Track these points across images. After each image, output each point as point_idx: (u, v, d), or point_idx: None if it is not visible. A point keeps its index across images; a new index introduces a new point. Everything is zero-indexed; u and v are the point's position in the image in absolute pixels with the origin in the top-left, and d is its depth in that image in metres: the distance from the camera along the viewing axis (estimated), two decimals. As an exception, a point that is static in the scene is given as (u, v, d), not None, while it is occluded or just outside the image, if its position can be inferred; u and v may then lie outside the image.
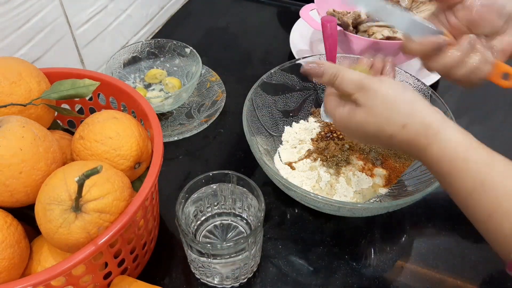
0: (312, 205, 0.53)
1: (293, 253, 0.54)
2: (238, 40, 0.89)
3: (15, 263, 0.40)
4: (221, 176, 0.50)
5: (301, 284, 0.51)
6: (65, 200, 0.38)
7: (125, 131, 0.47)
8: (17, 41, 0.59)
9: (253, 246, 0.46)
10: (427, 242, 0.55)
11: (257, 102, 0.62)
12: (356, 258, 0.54)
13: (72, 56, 0.69)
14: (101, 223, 0.39)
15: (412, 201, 0.49)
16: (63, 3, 0.64)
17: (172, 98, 0.67)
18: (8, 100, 0.46)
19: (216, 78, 0.77)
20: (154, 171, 0.44)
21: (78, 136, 0.47)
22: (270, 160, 0.61)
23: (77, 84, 0.49)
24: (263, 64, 0.83)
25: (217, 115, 0.71)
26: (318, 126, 0.67)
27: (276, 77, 0.65)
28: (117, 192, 0.40)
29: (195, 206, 0.51)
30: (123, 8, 0.78)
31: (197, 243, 0.44)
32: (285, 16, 0.95)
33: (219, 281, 0.50)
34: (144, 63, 0.76)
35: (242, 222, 0.53)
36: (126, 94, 0.52)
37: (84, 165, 0.42)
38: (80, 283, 0.41)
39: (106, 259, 0.42)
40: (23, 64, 0.48)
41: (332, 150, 0.62)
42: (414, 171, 0.59)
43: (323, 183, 0.59)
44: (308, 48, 0.83)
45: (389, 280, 0.52)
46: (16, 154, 0.39)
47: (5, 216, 0.41)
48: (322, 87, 0.69)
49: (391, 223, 0.57)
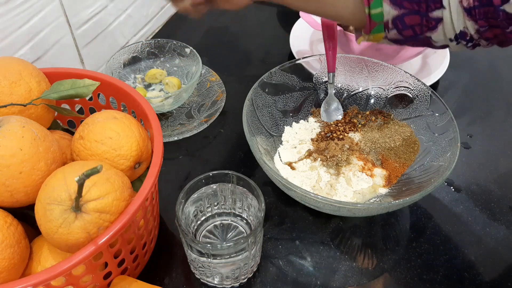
0: (312, 205, 0.53)
1: (293, 253, 0.54)
2: (238, 40, 0.89)
3: (15, 263, 0.40)
4: (221, 176, 0.50)
5: (301, 284, 0.51)
6: (65, 200, 0.38)
7: (125, 131, 0.47)
8: (17, 41, 0.59)
9: (253, 246, 0.46)
10: (427, 242, 0.55)
11: (257, 102, 0.62)
12: (356, 258, 0.54)
13: (72, 56, 0.69)
14: (101, 223, 0.39)
15: (412, 201, 0.49)
16: (63, 3, 0.64)
17: (172, 98, 0.67)
18: (8, 100, 0.46)
19: (216, 78, 0.77)
20: (154, 171, 0.44)
21: (78, 136, 0.47)
22: (270, 160, 0.61)
23: (77, 84, 0.49)
24: (263, 64, 0.83)
25: (217, 115, 0.71)
26: (318, 126, 0.67)
27: (276, 77, 0.65)
28: (117, 192, 0.40)
29: (195, 206, 0.51)
30: (123, 8, 0.78)
31: (197, 243, 0.44)
32: (285, 16, 0.95)
33: (219, 281, 0.50)
34: (144, 63, 0.76)
35: (242, 222, 0.53)
36: (126, 94, 0.52)
37: (84, 165, 0.42)
38: (80, 283, 0.41)
39: (106, 259, 0.42)
40: (23, 64, 0.48)
41: (332, 150, 0.62)
42: (414, 171, 0.59)
43: (323, 183, 0.59)
44: (308, 48, 0.83)
45: (389, 280, 0.52)
46: (16, 154, 0.39)
47: (5, 216, 0.41)
48: (322, 87, 0.69)
49: (391, 223, 0.57)
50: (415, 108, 0.64)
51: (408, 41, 0.48)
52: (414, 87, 0.64)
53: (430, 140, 0.60)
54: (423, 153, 0.60)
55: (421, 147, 0.61)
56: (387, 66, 0.66)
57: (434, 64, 0.78)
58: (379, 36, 0.48)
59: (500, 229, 0.57)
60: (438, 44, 0.47)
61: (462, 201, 0.60)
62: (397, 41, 0.48)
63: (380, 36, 0.48)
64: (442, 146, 0.57)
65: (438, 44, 0.47)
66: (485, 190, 0.61)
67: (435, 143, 0.59)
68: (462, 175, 0.63)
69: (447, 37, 0.45)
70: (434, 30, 0.45)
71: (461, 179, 0.63)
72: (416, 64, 0.80)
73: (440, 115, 0.60)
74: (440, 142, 0.58)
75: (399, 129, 0.65)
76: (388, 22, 0.46)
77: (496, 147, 0.68)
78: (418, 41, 0.47)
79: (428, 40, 0.46)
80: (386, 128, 0.66)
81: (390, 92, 0.67)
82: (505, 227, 0.57)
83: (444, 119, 0.58)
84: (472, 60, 0.84)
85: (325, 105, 0.68)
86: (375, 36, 0.48)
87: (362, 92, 0.69)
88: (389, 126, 0.66)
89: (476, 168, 0.65)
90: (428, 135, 0.61)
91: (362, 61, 0.67)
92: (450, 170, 0.51)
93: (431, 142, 0.60)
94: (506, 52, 0.86)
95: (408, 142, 0.63)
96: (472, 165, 0.65)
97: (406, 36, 0.47)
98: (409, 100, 0.65)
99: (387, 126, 0.66)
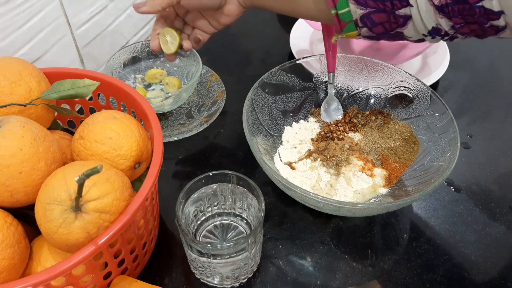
0: (312, 205, 0.53)
1: (293, 253, 0.54)
2: (238, 40, 0.89)
3: (15, 263, 0.40)
4: (221, 176, 0.50)
5: (301, 284, 0.51)
6: (65, 200, 0.38)
7: (125, 131, 0.47)
8: (17, 41, 0.59)
9: (253, 246, 0.46)
10: (427, 242, 0.55)
11: (257, 102, 0.62)
12: (356, 258, 0.54)
13: (72, 56, 0.69)
14: (101, 223, 0.39)
15: (412, 201, 0.49)
16: (63, 3, 0.64)
17: (172, 98, 0.67)
18: (8, 100, 0.46)
19: (216, 78, 0.77)
20: (154, 171, 0.44)
21: (78, 136, 0.47)
22: (270, 160, 0.61)
23: (77, 84, 0.49)
24: (263, 64, 0.83)
25: (217, 115, 0.71)
26: (318, 126, 0.67)
27: (276, 77, 0.65)
28: (117, 192, 0.40)
29: (195, 206, 0.51)
30: (123, 8, 0.78)
31: (197, 243, 0.44)
32: (285, 16, 0.95)
33: (219, 281, 0.50)
34: (144, 63, 0.76)
35: (242, 222, 0.53)
36: (126, 94, 0.52)
37: (84, 165, 0.42)
38: (80, 283, 0.41)
39: (106, 259, 0.42)
40: (23, 64, 0.48)
41: (332, 150, 0.62)
42: (414, 171, 0.59)
43: (323, 183, 0.59)
44: (308, 48, 0.83)
45: (389, 280, 0.52)
46: (16, 154, 0.39)
47: (5, 216, 0.41)
48: (322, 87, 0.69)
49: (391, 223, 0.57)
50: (415, 108, 0.64)
51: (381, 37, 0.48)
52: (414, 87, 0.64)
53: (430, 140, 0.60)
54: (423, 153, 0.60)
55: (421, 147, 0.61)
56: (387, 66, 0.66)
57: (434, 64, 0.78)
58: (353, 34, 0.48)
59: (500, 229, 0.57)
60: (412, 39, 0.47)
61: (462, 201, 0.60)
62: (371, 38, 0.49)
63: (353, 34, 0.48)
64: (442, 146, 0.57)
65: (413, 38, 0.46)
66: (485, 190, 0.61)
67: (435, 143, 0.59)
68: (462, 175, 0.63)
69: (419, 33, 0.45)
70: (404, 27, 0.44)
71: (461, 179, 0.63)
72: (416, 64, 0.80)
73: (440, 115, 0.60)
74: (440, 142, 0.58)
75: (399, 129, 0.65)
76: (357, 20, 0.46)
77: (496, 147, 0.68)
78: (391, 37, 0.47)
79: (401, 35, 0.46)
80: (386, 128, 0.66)
81: (390, 92, 0.67)
82: (505, 227, 0.57)
83: (444, 119, 0.58)
84: (472, 60, 0.84)
85: (325, 105, 0.68)
86: (348, 35, 0.49)
87: (362, 92, 0.69)
88: (389, 126, 0.66)
89: (476, 168, 0.65)
90: (428, 135, 0.61)
91: (362, 61, 0.67)
92: (450, 170, 0.51)
93: (431, 142, 0.60)
94: (506, 52, 0.86)
95: (408, 142, 0.63)
96: (472, 165, 0.65)
97: (377, 33, 0.47)
98: (409, 100, 0.65)
99: (387, 126, 0.66)
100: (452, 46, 0.81)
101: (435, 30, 0.43)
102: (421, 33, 0.44)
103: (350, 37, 0.49)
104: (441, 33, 0.43)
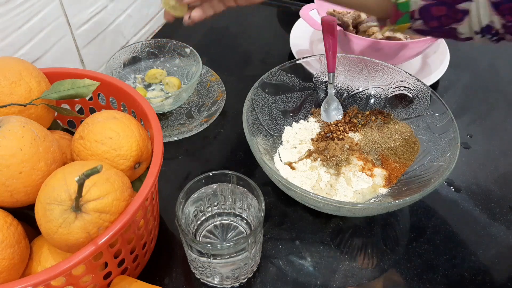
0: (312, 205, 0.53)
1: (293, 253, 0.54)
2: (238, 40, 0.89)
3: (15, 263, 0.40)
4: (221, 176, 0.50)
5: (301, 284, 0.51)
6: (65, 200, 0.38)
7: (125, 131, 0.47)
8: (17, 41, 0.59)
9: (253, 246, 0.46)
10: (427, 242, 0.55)
11: (257, 102, 0.62)
12: (356, 258, 0.54)
13: (72, 56, 0.69)
14: (101, 223, 0.39)
15: (412, 201, 0.49)
16: (63, 3, 0.64)
17: (172, 98, 0.67)
18: (8, 100, 0.46)
19: (216, 78, 0.77)
20: (154, 171, 0.44)
21: (78, 136, 0.47)
22: (270, 160, 0.61)
23: (77, 84, 0.49)
24: (263, 64, 0.83)
25: (217, 115, 0.71)
26: (318, 126, 0.67)
27: (276, 77, 0.65)
28: (117, 192, 0.40)
29: (195, 206, 0.51)
30: (123, 8, 0.78)
31: (197, 243, 0.44)
32: (285, 16, 0.95)
33: (219, 281, 0.50)
34: (144, 63, 0.76)
35: (242, 222, 0.53)
36: (126, 94, 0.52)
37: (84, 165, 0.42)
38: (80, 283, 0.41)
39: (106, 259, 0.42)
40: (23, 64, 0.48)
41: (332, 150, 0.62)
42: (414, 171, 0.59)
43: (323, 183, 0.59)
44: (308, 48, 0.84)
45: (389, 280, 0.52)
46: (16, 154, 0.39)
47: (5, 216, 0.41)
48: (322, 87, 0.69)
49: (391, 223, 0.57)
50: (415, 108, 0.64)
51: (433, 32, 0.48)
52: (414, 87, 0.64)
53: (430, 140, 0.60)
54: (423, 153, 0.60)
55: (421, 147, 0.61)
56: (387, 66, 0.66)
57: (434, 64, 0.78)
58: (404, 26, 0.49)
59: (500, 229, 0.57)
60: (463, 36, 0.47)
61: (462, 201, 0.60)
62: (422, 32, 0.49)
63: (405, 27, 0.49)
64: (442, 146, 0.57)
65: (463, 36, 0.47)
66: (485, 190, 0.61)
67: (435, 143, 0.59)
68: (462, 175, 0.63)
69: (472, 30, 0.45)
70: (460, 22, 0.45)
71: (461, 179, 0.63)
72: (416, 64, 0.80)
73: (440, 115, 0.60)
74: (440, 142, 0.58)
75: (399, 129, 0.65)
76: (414, 12, 0.46)
77: (496, 147, 0.68)
78: (443, 33, 0.48)
79: (453, 31, 0.47)
80: (386, 128, 0.66)
81: (390, 92, 0.67)
82: (505, 227, 0.57)
83: (444, 119, 0.58)
84: (472, 60, 0.84)
85: (325, 105, 0.68)
86: (400, 27, 0.49)
87: (362, 92, 0.69)
88: (389, 126, 0.66)
89: (476, 168, 0.65)
90: (428, 135, 0.61)
91: (362, 61, 0.67)
92: (450, 170, 0.51)
93: (431, 142, 0.60)
94: (506, 52, 0.86)
95: (408, 142, 0.63)
96: (472, 165, 0.65)
97: (431, 27, 0.47)
98: (409, 100, 0.65)
99: (387, 126, 0.66)
100: (452, 46, 0.81)
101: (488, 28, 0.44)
102: (474, 30, 0.45)
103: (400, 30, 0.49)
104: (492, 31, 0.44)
